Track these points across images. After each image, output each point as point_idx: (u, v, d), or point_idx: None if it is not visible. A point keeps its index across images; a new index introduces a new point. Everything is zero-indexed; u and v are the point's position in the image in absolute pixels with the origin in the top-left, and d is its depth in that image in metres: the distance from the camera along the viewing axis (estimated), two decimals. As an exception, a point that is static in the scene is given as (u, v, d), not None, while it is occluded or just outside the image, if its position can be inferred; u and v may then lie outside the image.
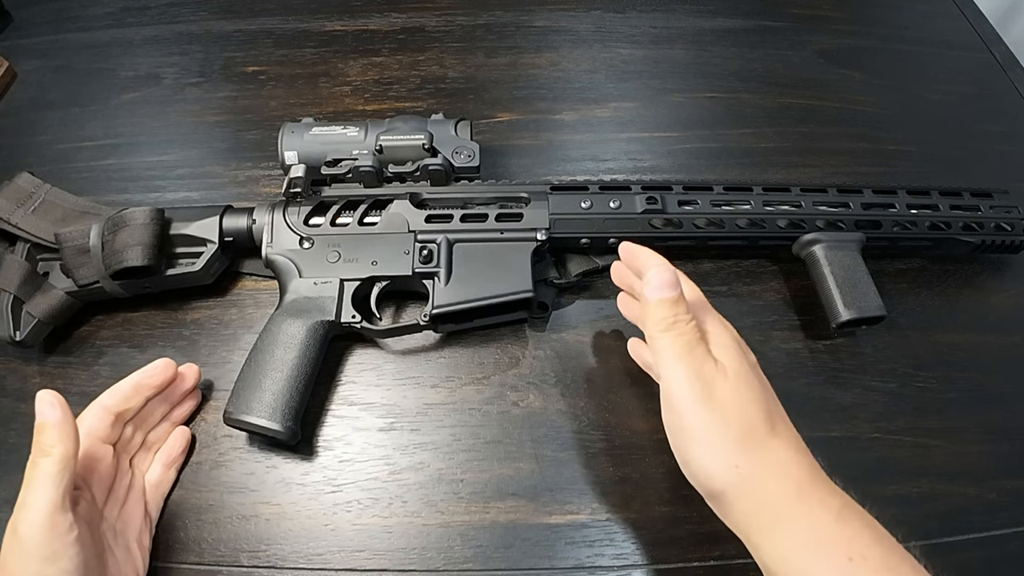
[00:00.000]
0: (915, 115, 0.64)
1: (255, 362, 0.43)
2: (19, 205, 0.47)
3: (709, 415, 0.32)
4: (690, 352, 0.34)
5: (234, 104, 0.63)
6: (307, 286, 0.46)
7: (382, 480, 0.44)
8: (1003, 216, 0.49)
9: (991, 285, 0.53)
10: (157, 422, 0.44)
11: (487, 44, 0.68)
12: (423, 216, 0.47)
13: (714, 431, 0.32)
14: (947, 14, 0.74)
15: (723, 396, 0.33)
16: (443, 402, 0.46)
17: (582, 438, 0.45)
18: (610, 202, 0.48)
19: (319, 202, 0.48)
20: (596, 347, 0.49)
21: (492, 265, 0.46)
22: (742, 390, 0.33)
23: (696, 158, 0.60)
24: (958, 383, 0.48)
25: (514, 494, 0.43)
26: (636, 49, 0.68)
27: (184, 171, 0.58)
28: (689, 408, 0.33)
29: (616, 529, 0.42)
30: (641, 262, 0.38)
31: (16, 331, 0.45)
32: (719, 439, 0.32)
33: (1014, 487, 0.44)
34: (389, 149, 0.47)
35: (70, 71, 0.66)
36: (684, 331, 0.34)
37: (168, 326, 0.50)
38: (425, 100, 0.63)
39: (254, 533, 0.42)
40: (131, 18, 0.71)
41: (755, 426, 0.33)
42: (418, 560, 0.41)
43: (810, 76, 0.66)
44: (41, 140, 0.61)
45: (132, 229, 0.45)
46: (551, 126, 0.62)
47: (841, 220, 0.48)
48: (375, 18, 0.70)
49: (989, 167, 0.60)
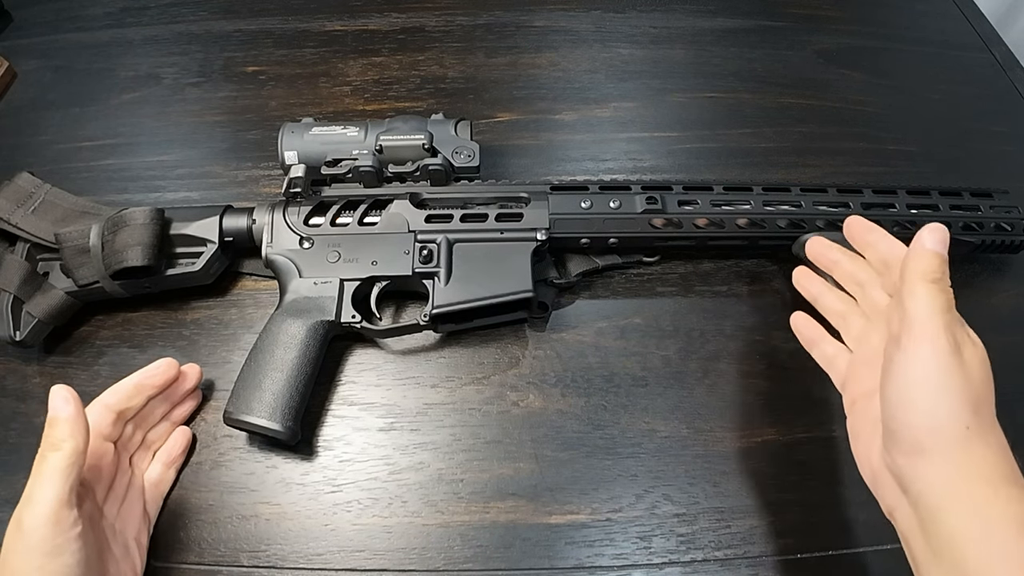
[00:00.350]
0: (915, 115, 0.64)
1: (255, 362, 0.43)
2: (19, 205, 0.47)
3: (958, 368, 0.33)
4: (949, 310, 0.34)
5: (234, 104, 0.63)
6: (307, 286, 0.46)
7: (382, 480, 0.44)
8: (1003, 216, 0.49)
9: (991, 285, 0.53)
10: (157, 421, 0.44)
11: (487, 44, 0.68)
12: (423, 216, 0.47)
13: (959, 384, 0.32)
14: (947, 14, 0.74)
15: (970, 359, 0.34)
16: (443, 402, 0.46)
17: (582, 438, 0.45)
18: (610, 202, 0.48)
19: (319, 202, 0.48)
20: (596, 347, 0.49)
21: (492, 265, 0.46)
22: (983, 363, 0.34)
23: (696, 158, 0.60)
24: (958, 383, 0.48)
25: (514, 494, 0.43)
26: (636, 49, 0.68)
27: (184, 171, 0.58)
28: (942, 355, 0.33)
29: (616, 529, 0.42)
30: (878, 236, 0.40)
31: (16, 331, 0.45)
32: (960, 394, 0.32)
33: (1014, 487, 0.44)
34: (389, 149, 0.47)
35: (70, 71, 0.66)
36: (947, 289, 0.34)
37: (168, 326, 0.50)
38: (425, 100, 0.63)
39: (254, 533, 0.42)
40: (131, 18, 0.71)
41: (987, 402, 0.34)
42: (418, 560, 0.41)
43: (810, 76, 0.66)
44: (41, 140, 0.61)
45: (132, 229, 0.45)
46: (551, 126, 0.62)
47: (841, 220, 0.48)
48: (375, 18, 0.70)
49: (989, 167, 0.60)
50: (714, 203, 0.48)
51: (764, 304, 0.51)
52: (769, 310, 0.50)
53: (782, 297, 0.51)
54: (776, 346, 0.49)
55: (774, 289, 0.51)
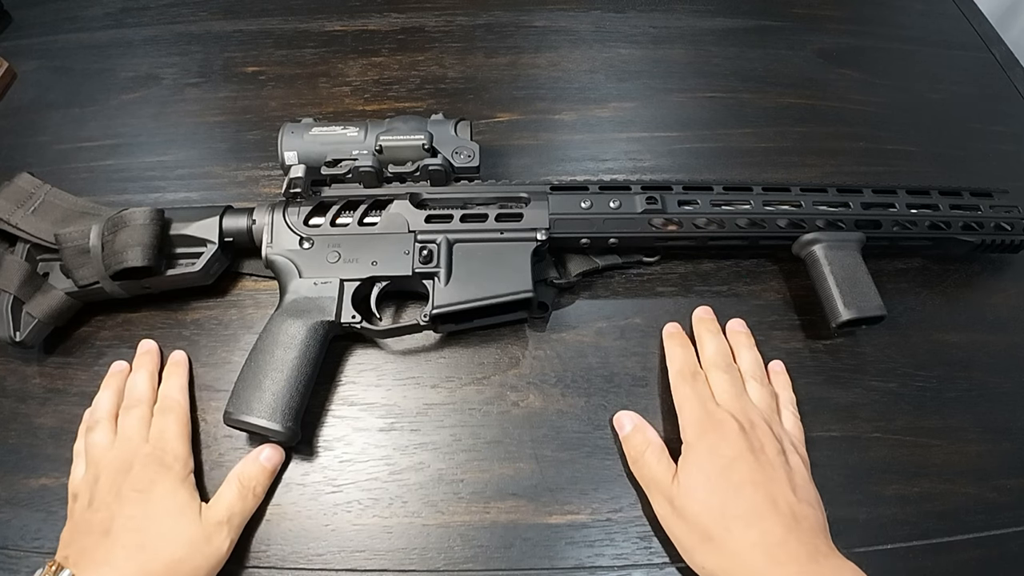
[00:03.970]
0: (915, 115, 0.64)
1: (255, 362, 0.43)
2: (19, 206, 0.47)
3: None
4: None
5: (234, 104, 0.63)
6: (307, 286, 0.46)
7: (382, 480, 0.44)
8: (1003, 216, 0.49)
9: (991, 285, 0.53)
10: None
11: (487, 44, 0.68)
12: (423, 216, 0.47)
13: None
14: (947, 14, 0.74)
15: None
16: (443, 402, 0.46)
17: (582, 438, 0.45)
18: (610, 202, 0.48)
19: (319, 202, 0.48)
20: (596, 347, 0.49)
21: (492, 265, 0.46)
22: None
23: (696, 158, 0.60)
24: (958, 383, 0.48)
25: (514, 494, 0.43)
26: (636, 49, 0.68)
27: (184, 171, 0.58)
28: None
29: (616, 529, 0.42)
30: (704, 336, 0.47)
31: (16, 332, 0.45)
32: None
33: (1014, 486, 0.44)
34: (389, 149, 0.47)
35: (70, 72, 0.66)
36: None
37: (168, 326, 0.50)
38: (425, 100, 0.63)
39: (254, 533, 0.42)
40: (131, 18, 0.71)
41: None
42: (418, 560, 0.41)
43: (810, 76, 0.66)
44: (41, 141, 0.61)
45: (132, 230, 0.45)
46: (551, 126, 0.62)
47: (841, 220, 0.48)
48: (375, 18, 0.70)
49: (989, 167, 0.60)
50: (714, 203, 0.48)
51: (764, 304, 0.51)
52: (769, 310, 0.50)
53: (782, 297, 0.51)
54: (776, 346, 0.49)
55: (774, 289, 0.51)
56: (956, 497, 0.43)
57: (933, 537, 0.42)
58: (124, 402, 0.45)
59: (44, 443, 0.45)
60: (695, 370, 0.45)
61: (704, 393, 0.43)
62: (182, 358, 0.47)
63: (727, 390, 0.43)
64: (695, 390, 0.43)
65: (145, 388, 0.45)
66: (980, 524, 0.42)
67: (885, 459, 0.45)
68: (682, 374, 0.44)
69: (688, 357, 0.46)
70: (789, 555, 0.35)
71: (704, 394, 0.43)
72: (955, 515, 0.43)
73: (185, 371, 0.47)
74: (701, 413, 0.41)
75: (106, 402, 0.45)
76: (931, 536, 0.42)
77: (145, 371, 0.46)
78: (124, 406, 0.44)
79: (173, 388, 0.45)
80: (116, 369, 0.47)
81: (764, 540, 0.36)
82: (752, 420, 0.41)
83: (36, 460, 0.45)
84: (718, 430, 0.40)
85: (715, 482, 0.38)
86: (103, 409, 0.44)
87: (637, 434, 0.43)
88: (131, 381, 0.46)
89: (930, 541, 0.42)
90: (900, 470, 0.44)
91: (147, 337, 0.49)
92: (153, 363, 0.47)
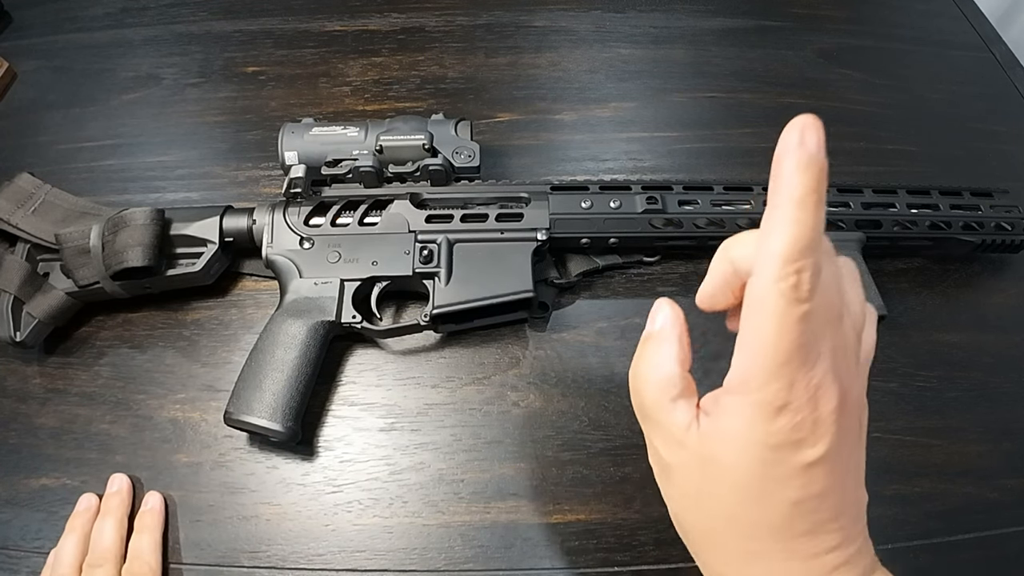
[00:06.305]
0: (915, 115, 0.64)
1: (255, 362, 0.43)
2: (19, 206, 0.47)
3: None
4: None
5: (234, 104, 0.63)
6: (307, 286, 0.46)
7: (383, 480, 0.44)
8: (1003, 216, 0.49)
9: (991, 285, 0.53)
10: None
11: (487, 44, 0.68)
12: (423, 216, 0.47)
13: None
14: (947, 14, 0.74)
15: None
16: (444, 402, 0.46)
17: (582, 438, 0.45)
18: (610, 202, 0.48)
19: (319, 202, 0.48)
20: (596, 347, 0.49)
21: (492, 265, 0.46)
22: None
23: (696, 158, 0.60)
24: (958, 383, 0.48)
25: (515, 494, 0.43)
26: (636, 49, 0.68)
27: (184, 171, 0.58)
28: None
29: (617, 529, 0.42)
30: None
31: (16, 332, 0.45)
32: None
33: (1014, 486, 0.44)
34: (389, 149, 0.47)
35: (70, 72, 0.66)
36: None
37: (168, 326, 0.50)
38: (425, 100, 0.63)
39: (254, 533, 0.42)
40: (131, 18, 0.71)
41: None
42: (419, 560, 0.41)
43: (810, 76, 0.66)
44: (41, 141, 0.61)
45: (132, 230, 0.45)
46: (551, 126, 0.62)
47: (841, 220, 0.48)
48: (375, 18, 0.70)
49: (989, 167, 0.60)
50: (714, 203, 0.48)
51: (764, 304, 0.51)
52: (769, 310, 0.50)
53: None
54: (776, 346, 0.49)
55: (774, 289, 0.51)
56: (956, 497, 0.43)
57: (934, 537, 0.42)
58: (88, 557, 0.40)
59: (44, 443, 0.45)
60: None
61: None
62: (157, 505, 0.42)
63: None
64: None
65: (112, 542, 0.40)
66: (980, 524, 0.42)
67: (885, 459, 0.45)
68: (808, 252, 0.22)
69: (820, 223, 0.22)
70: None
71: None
72: (955, 515, 0.43)
73: (160, 522, 0.42)
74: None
75: (69, 554, 0.40)
76: (932, 536, 0.42)
77: (113, 519, 0.41)
78: (88, 562, 0.39)
79: (145, 547, 0.40)
80: (82, 507, 0.42)
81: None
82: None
83: (36, 460, 0.45)
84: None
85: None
86: (66, 563, 0.39)
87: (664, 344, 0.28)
88: (97, 530, 0.41)
89: (931, 541, 0.42)
90: (900, 470, 0.44)
91: (147, 337, 0.48)
92: (123, 508, 0.42)
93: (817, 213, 0.21)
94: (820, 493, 0.23)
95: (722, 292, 0.27)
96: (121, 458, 0.45)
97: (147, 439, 0.45)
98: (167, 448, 0.45)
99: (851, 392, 0.24)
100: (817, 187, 0.21)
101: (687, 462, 0.26)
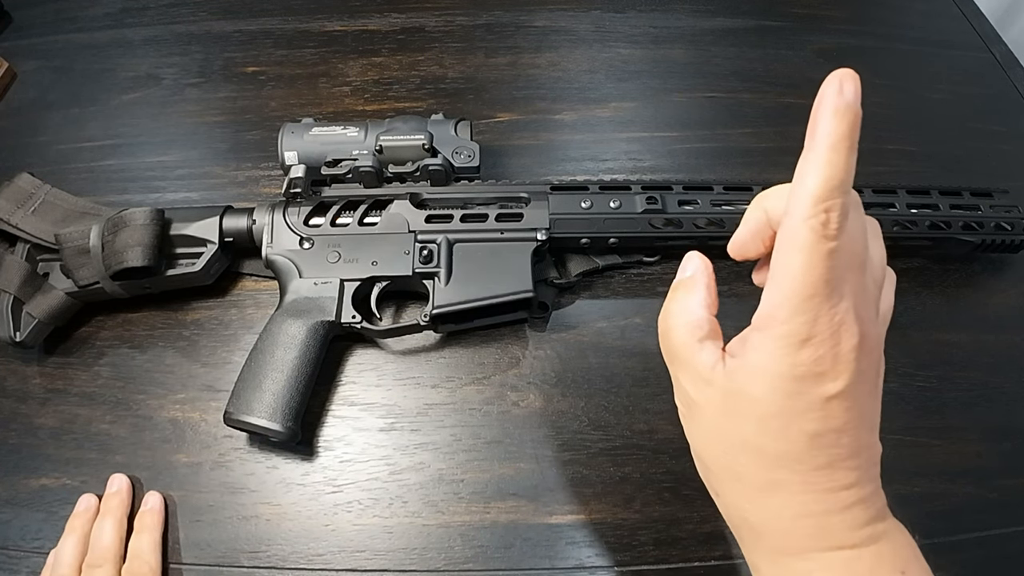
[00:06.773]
0: (915, 115, 0.64)
1: (255, 362, 0.43)
2: (19, 206, 0.47)
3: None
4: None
5: (234, 104, 0.63)
6: (307, 286, 0.46)
7: (383, 480, 0.44)
8: (1003, 215, 0.49)
9: (991, 285, 0.53)
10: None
11: (487, 44, 0.68)
12: (423, 216, 0.47)
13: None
14: (947, 14, 0.74)
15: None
16: (443, 402, 0.46)
17: (582, 438, 0.45)
18: (610, 202, 0.48)
19: (319, 202, 0.48)
20: (596, 347, 0.49)
21: (492, 265, 0.46)
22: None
23: (696, 158, 0.60)
24: (958, 383, 0.48)
25: (515, 494, 0.43)
26: (636, 49, 0.68)
27: (184, 171, 0.58)
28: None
29: (617, 529, 0.42)
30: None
31: (16, 332, 0.45)
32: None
33: (1014, 486, 0.44)
34: (389, 149, 0.47)
35: (70, 72, 0.66)
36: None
37: (168, 327, 0.50)
38: (425, 100, 0.63)
39: (254, 533, 0.42)
40: (131, 19, 0.71)
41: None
42: (419, 560, 0.41)
43: (810, 76, 0.66)
44: (41, 141, 0.61)
45: (132, 230, 0.45)
46: (551, 126, 0.62)
47: (841, 220, 0.48)
48: (375, 18, 0.70)
49: (989, 167, 0.60)
50: (714, 203, 0.48)
51: (764, 304, 0.51)
52: (769, 310, 0.50)
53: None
54: (776, 346, 0.49)
55: (774, 289, 0.51)
56: (956, 497, 0.43)
57: (934, 537, 0.42)
58: (88, 557, 0.40)
59: (44, 443, 0.45)
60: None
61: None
62: (157, 505, 0.42)
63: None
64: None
65: (112, 542, 0.40)
66: (980, 524, 0.42)
67: (885, 459, 0.44)
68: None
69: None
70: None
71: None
72: (955, 515, 0.43)
73: (160, 522, 0.42)
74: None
75: (69, 553, 0.40)
76: (932, 536, 0.42)
77: (113, 519, 0.41)
78: (87, 563, 0.40)
79: (145, 547, 0.40)
80: (82, 507, 0.42)
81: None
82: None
83: (36, 460, 0.45)
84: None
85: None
86: (66, 564, 0.40)
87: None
88: (97, 530, 0.41)
89: (931, 541, 0.41)
90: (900, 470, 0.44)
91: (147, 336, 0.48)
92: (123, 508, 0.42)
93: (849, 158, 0.22)
94: (838, 428, 0.25)
95: (753, 241, 0.30)
96: (121, 458, 0.45)
97: (147, 439, 0.45)
98: (167, 448, 0.45)
99: (870, 336, 0.25)
100: (851, 133, 0.22)
101: (712, 398, 0.27)
